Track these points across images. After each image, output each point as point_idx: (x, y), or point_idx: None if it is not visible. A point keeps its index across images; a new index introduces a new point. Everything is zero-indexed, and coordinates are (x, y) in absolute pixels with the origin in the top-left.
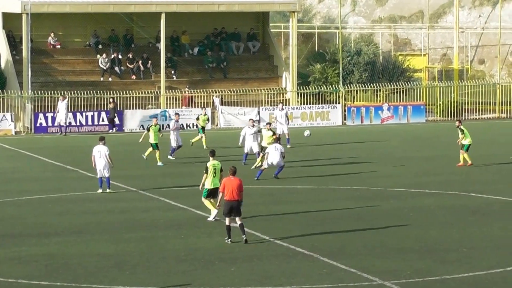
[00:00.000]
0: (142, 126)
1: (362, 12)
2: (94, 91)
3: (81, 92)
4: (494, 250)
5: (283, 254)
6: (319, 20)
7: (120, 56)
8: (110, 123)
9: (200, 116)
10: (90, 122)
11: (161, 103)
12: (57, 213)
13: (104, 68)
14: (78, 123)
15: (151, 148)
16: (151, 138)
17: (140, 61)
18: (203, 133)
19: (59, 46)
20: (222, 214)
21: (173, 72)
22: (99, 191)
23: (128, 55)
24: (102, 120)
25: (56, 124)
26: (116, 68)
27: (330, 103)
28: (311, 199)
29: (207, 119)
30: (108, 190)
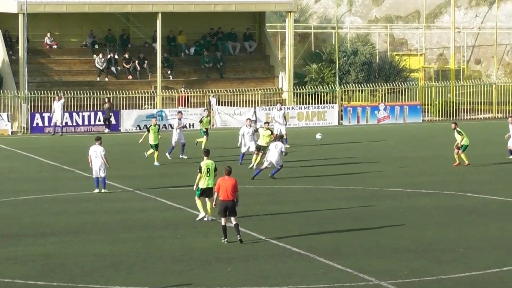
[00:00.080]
0: (139, 126)
1: (359, 12)
2: (91, 91)
3: (77, 92)
4: (491, 250)
5: (280, 254)
6: (316, 20)
7: (116, 56)
8: (105, 123)
9: (203, 118)
10: (86, 122)
11: (157, 103)
12: (53, 213)
13: (101, 68)
14: (75, 123)
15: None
16: (151, 139)
17: (136, 61)
18: (206, 135)
19: (55, 46)
20: (218, 214)
21: (169, 72)
22: (96, 191)
23: (125, 55)
24: (99, 120)
25: (52, 124)
26: (113, 68)
27: (327, 103)
28: (307, 199)
29: (209, 121)
30: (104, 190)
